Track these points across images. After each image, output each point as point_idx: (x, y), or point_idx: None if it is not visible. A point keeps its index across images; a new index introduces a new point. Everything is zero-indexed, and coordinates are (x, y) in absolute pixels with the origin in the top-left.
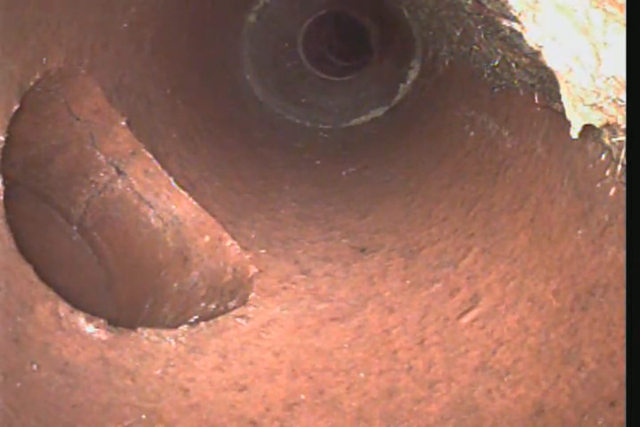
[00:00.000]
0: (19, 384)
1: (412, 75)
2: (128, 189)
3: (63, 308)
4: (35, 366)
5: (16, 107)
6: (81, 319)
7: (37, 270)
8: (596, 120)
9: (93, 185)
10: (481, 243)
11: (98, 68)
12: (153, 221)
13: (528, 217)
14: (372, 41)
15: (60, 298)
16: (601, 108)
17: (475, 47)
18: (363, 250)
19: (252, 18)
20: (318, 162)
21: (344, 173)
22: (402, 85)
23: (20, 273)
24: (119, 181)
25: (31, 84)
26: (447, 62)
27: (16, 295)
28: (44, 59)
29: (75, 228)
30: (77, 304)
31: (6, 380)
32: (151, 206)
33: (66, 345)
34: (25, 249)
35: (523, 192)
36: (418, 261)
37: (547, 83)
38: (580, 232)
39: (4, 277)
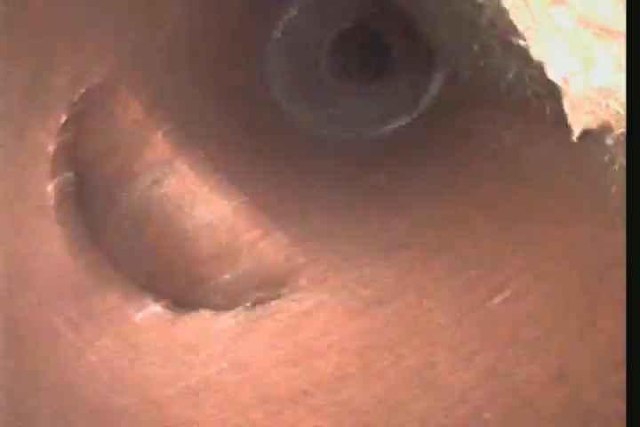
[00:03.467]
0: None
1: (434, 87)
2: (165, 197)
3: (132, 290)
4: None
5: (64, 119)
6: (148, 300)
7: (108, 258)
8: (594, 124)
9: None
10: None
11: (135, 84)
12: (191, 224)
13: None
14: (395, 54)
15: (129, 281)
16: (596, 113)
17: (491, 61)
18: (402, 243)
19: (276, 33)
20: (347, 170)
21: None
22: (424, 96)
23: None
24: (157, 187)
25: (76, 98)
26: (466, 75)
27: (83, 280)
28: (87, 75)
29: None
30: (145, 287)
31: (84, 353)
32: (192, 210)
33: (134, 323)
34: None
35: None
36: (454, 250)
37: (554, 93)
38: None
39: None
